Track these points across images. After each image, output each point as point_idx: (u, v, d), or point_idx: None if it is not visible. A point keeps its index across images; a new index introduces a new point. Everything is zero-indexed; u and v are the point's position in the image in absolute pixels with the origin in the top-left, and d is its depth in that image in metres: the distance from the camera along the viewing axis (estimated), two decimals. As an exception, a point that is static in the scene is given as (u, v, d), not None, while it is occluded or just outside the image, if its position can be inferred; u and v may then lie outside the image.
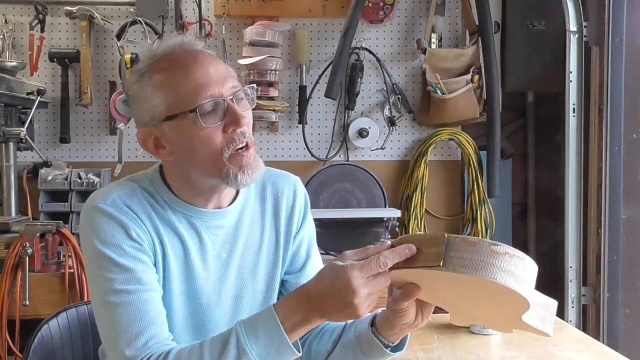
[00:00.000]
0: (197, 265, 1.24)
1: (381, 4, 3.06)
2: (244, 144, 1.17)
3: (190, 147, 1.18)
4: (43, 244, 2.40)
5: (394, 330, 1.16)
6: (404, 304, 1.08)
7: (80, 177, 2.86)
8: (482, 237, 2.97)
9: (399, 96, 3.09)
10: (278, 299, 1.34)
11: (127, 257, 1.15)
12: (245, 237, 1.30)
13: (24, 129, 2.68)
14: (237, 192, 1.30)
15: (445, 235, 0.97)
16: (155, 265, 1.20)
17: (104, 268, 1.15)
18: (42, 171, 2.84)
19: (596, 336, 2.58)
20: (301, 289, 1.08)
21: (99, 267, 1.16)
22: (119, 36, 2.96)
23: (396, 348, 1.20)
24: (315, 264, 1.39)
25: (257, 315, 1.09)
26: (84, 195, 2.84)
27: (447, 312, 1.18)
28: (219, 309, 1.27)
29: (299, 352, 1.07)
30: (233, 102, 1.17)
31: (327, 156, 3.10)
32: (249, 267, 1.30)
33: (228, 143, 1.16)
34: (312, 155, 3.07)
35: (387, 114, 3.09)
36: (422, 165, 3.04)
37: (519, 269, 0.96)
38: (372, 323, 1.19)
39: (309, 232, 1.39)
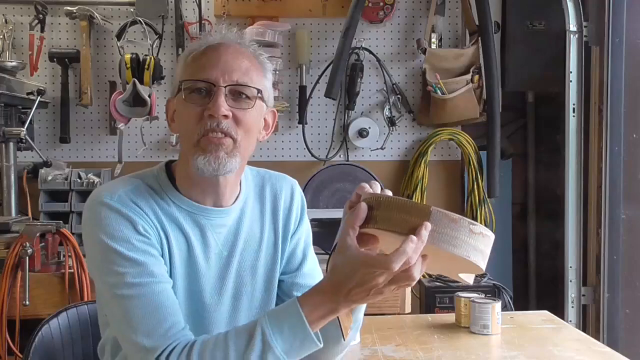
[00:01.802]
0: (200, 263, 1.25)
1: (381, 4, 3.06)
2: (216, 132, 1.18)
3: (178, 120, 1.24)
4: (43, 244, 2.40)
5: None
6: None
7: (80, 177, 2.86)
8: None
9: (399, 96, 3.10)
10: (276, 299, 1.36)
11: (136, 251, 1.16)
12: (246, 236, 1.31)
13: (24, 129, 2.68)
14: (239, 193, 1.31)
15: (431, 209, 1.01)
16: (166, 262, 1.21)
17: (113, 262, 1.15)
18: (42, 171, 2.84)
19: (596, 336, 2.58)
20: (322, 282, 1.09)
21: (108, 261, 1.16)
22: (119, 36, 2.96)
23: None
24: (311, 265, 1.41)
25: (282, 310, 1.11)
26: (84, 195, 2.84)
27: (447, 313, 1.19)
28: (219, 307, 1.28)
29: (320, 343, 1.09)
30: (224, 93, 1.18)
31: (327, 156, 3.10)
32: (248, 266, 1.31)
33: (201, 126, 1.18)
34: (312, 155, 3.07)
35: (387, 114, 3.09)
36: (422, 165, 3.04)
37: (487, 248, 1.04)
38: None
39: (306, 233, 1.41)
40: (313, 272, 1.40)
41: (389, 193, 1.09)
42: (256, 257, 1.32)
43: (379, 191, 1.09)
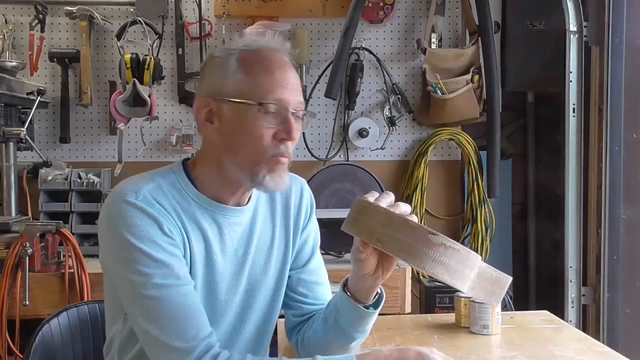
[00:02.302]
0: (217, 261, 1.27)
1: (381, 4, 3.06)
2: (285, 155, 1.23)
3: (241, 134, 1.22)
4: (43, 244, 2.40)
5: (361, 283, 1.22)
6: (361, 254, 1.15)
7: (80, 177, 2.86)
8: (482, 237, 2.97)
9: (399, 96, 3.10)
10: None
11: (163, 252, 1.17)
12: (259, 234, 1.34)
13: (24, 129, 2.68)
14: (252, 191, 1.34)
15: (389, 212, 1.00)
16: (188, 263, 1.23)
17: (139, 262, 1.16)
18: (42, 171, 2.83)
19: (596, 336, 2.58)
20: (384, 352, 1.17)
21: (134, 261, 1.16)
22: (119, 36, 2.96)
23: (371, 307, 1.27)
24: (317, 263, 1.45)
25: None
26: (84, 195, 2.84)
27: (447, 313, 1.20)
28: (232, 302, 1.31)
29: None
30: (293, 115, 1.22)
31: (327, 156, 3.10)
32: (261, 264, 1.34)
33: (273, 147, 1.21)
34: (312, 155, 3.07)
35: (387, 114, 3.09)
36: (422, 165, 3.04)
37: (452, 261, 0.97)
38: (345, 285, 1.28)
39: (315, 230, 1.46)
40: (319, 270, 1.45)
41: (387, 199, 1.12)
42: (269, 255, 1.35)
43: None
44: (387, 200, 1.12)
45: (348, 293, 1.25)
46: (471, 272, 0.99)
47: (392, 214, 1.01)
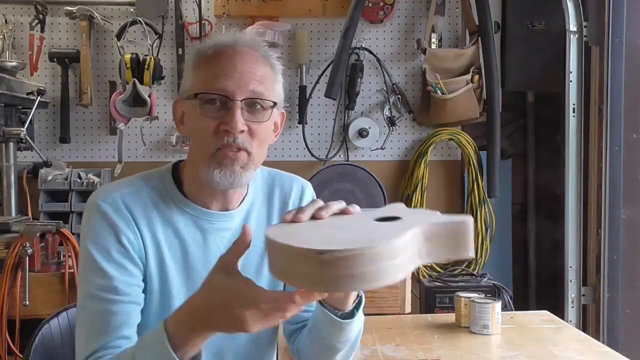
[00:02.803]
0: (198, 267, 1.23)
1: (381, 4, 3.06)
2: (233, 147, 1.16)
3: (192, 128, 1.21)
4: (43, 244, 2.40)
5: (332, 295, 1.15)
6: None
7: (80, 177, 2.86)
8: (482, 237, 2.97)
9: (399, 96, 3.10)
10: None
11: (111, 262, 1.15)
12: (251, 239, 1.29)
13: (24, 129, 2.68)
14: (246, 195, 1.30)
15: (272, 240, 0.86)
16: (145, 272, 1.19)
17: (88, 269, 1.16)
18: (42, 171, 2.84)
19: (596, 336, 2.58)
20: (190, 299, 1.00)
21: (85, 267, 1.17)
22: (119, 36, 2.96)
23: (348, 315, 1.18)
24: None
25: (150, 331, 1.04)
26: (84, 195, 2.84)
27: (447, 313, 1.18)
28: None
29: None
30: (239, 107, 1.16)
31: (327, 156, 3.10)
32: (253, 269, 1.29)
33: (216, 140, 1.16)
34: (312, 155, 3.07)
35: (387, 114, 3.09)
36: (422, 165, 3.04)
37: (360, 267, 0.79)
38: None
39: None
40: None
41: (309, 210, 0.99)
42: (261, 260, 1.30)
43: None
44: (308, 211, 0.98)
45: (324, 305, 1.17)
46: (401, 257, 0.82)
47: (284, 246, 0.84)
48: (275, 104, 1.21)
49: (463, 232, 0.88)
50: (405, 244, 0.83)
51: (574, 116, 2.74)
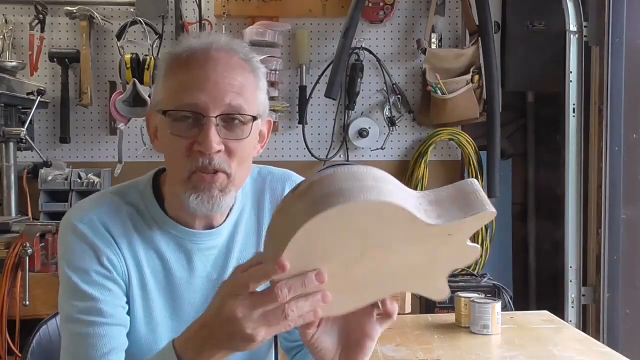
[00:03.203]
0: (181, 288, 1.15)
1: (381, 4, 3.05)
2: (208, 170, 1.04)
3: (164, 147, 1.10)
4: (43, 244, 2.40)
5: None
6: (307, 330, 0.89)
7: (80, 177, 2.86)
8: (482, 237, 2.97)
9: (399, 96, 3.10)
10: None
11: (92, 284, 1.07)
12: (238, 255, 1.19)
13: (24, 129, 2.68)
14: (233, 206, 1.18)
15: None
16: (128, 294, 1.12)
17: (68, 292, 1.09)
18: (42, 171, 2.84)
19: (596, 336, 2.58)
20: (199, 317, 0.90)
21: (65, 290, 1.10)
22: (119, 36, 2.96)
23: None
24: None
25: (159, 351, 0.97)
26: (84, 195, 2.83)
27: (447, 313, 1.17)
28: None
29: None
30: (213, 124, 1.03)
31: (327, 156, 3.10)
32: None
33: (190, 162, 1.04)
34: (312, 155, 3.07)
35: (387, 114, 3.09)
36: (422, 165, 3.04)
37: (338, 184, 0.74)
38: None
39: None
40: None
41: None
42: None
43: None
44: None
45: None
46: (392, 185, 0.77)
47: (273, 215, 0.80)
48: (255, 118, 1.07)
49: (470, 190, 0.81)
50: (393, 180, 0.79)
51: (574, 116, 2.74)
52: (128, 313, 1.12)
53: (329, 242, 0.77)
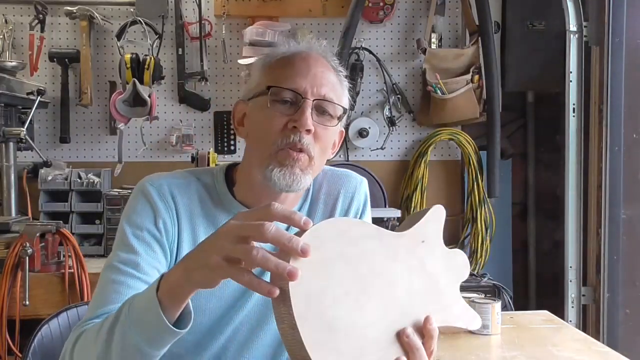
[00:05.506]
0: None
1: (381, 4, 3.06)
2: (297, 147, 1.14)
3: (255, 126, 1.19)
4: (43, 244, 2.40)
5: None
6: None
7: (80, 177, 2.86)
8: (482, 237, 2.97)
9: (399, 96, 3.10)
10: None
11: (141, 240, 1.14)
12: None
13: (24, 129, 2.68)
14: (303, 204, 1.28)
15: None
16: (171, 262, 1.17)
17: (118, 243, 1.16)
18: (42, 171, 2.84)
19: (596, 336, 2.58)
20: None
21: (116, 242, 1.17)
22: (119, 36, 2.96)
23: None
24: None
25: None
26: (84, 195, 2.85)
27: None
28: (245, 309, 1.22)
29: (166, 320, 0.90)
30: (310, 106, 1.15)
31: (327, 156, 3.10)
32: None
33: (283, 137, 1.14)
34: (312, 155, 3.07)
35: (387, 114, 3.09)
36: (422, 165, 3.04)
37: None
38: None
39: None
40: None
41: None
42: None
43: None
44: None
45: None
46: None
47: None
48: (345, 110, 1.21)
49: (419, 213, 0.98)
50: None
51: (574, 116, 2.74)
52: None
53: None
